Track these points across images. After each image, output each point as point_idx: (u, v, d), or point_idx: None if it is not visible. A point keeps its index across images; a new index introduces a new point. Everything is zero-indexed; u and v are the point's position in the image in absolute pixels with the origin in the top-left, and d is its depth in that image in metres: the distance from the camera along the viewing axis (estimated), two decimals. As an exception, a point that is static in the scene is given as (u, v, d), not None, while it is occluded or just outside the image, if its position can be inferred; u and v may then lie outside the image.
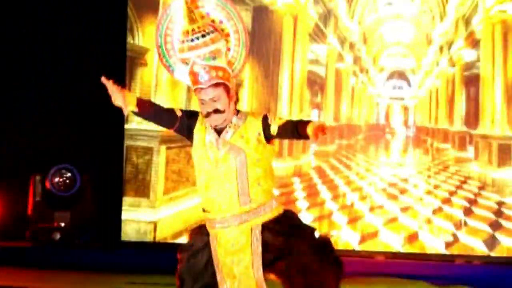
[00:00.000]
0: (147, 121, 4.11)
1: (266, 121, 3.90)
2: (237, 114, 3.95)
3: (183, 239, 8.02)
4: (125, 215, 8.35)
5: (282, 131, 3.87)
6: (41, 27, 8.39)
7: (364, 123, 8.67)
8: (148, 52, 8.36)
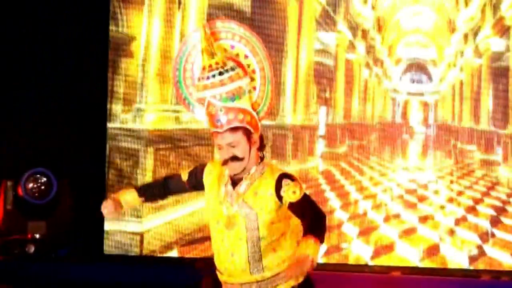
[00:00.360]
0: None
1: (280, 181, 3.72)
2: (259, 162, 3.82)
3: (173, 253, 8.01)
4: (108, 225, 8.20)
5: (291, 209, 3.69)
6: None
7: (378, 122, 8.48)
8: (133, 41, 8.25)
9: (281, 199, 3.68)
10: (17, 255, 7.68)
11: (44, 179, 7.88)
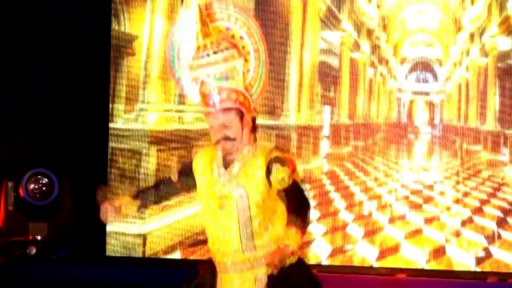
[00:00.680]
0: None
1: (270, 165, 3.74)
2: (252, 144, 3.85)
3: (175, 254, 8.03)
4: (110, 226, 8.12)
5: (278, 194, 3.74)
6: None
7: (383, 122, 8.47)
8: (135, 40, 8.28)
9: (269, 182, 3.72)
10: (18, 257, 7.70)
11: (45, 180, 7.92)
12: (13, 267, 7.63)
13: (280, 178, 3.68)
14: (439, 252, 7.82)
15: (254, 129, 3.84)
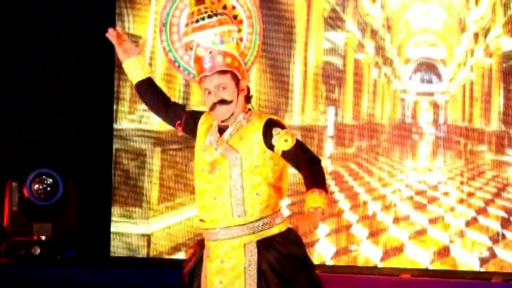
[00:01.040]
0: (150, 110, 4.17)
1: (269, 129, 3.72)
2: (246, 112, 3.81)
3: (180, 255, 8.03)
4: (114, 227, 8.22)
5: (285, 158, 3.70)
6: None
7: (387, 122, 8.47)
8: (140, 39, 7.80)
9: (269, 146, 3.68)
10: (23, 257, 7.69)
11: (49, 180, 7.90)
12: (17, 267, 7.64)
13: (283, 139, 3.65)
14: (443, 252, 7.78)
15: (248, 98, 3.83)
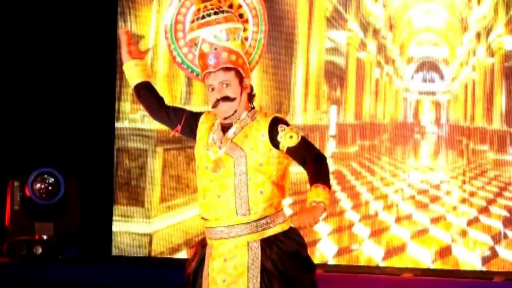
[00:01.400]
0: (149, 115, 4.24)
1: (275, 127, 3.73)
2: (250, 110, 3.82)
3: (182, 254, 8.02)
4: (116, 226, 8.21)
5: (290, 154, 3.70)
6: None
7: (389, 121, 8.45)
8: (142, 39, 8.24)
9: (274, 144, 3.69)
10: (24, 256, 7.68)
11: (51, 180, 7.88)
12: (19, 267, 7.63)
13: (288, 136, 3.66)
14: (445, 251, 7.76)
15: (251, 97, 3.84)
